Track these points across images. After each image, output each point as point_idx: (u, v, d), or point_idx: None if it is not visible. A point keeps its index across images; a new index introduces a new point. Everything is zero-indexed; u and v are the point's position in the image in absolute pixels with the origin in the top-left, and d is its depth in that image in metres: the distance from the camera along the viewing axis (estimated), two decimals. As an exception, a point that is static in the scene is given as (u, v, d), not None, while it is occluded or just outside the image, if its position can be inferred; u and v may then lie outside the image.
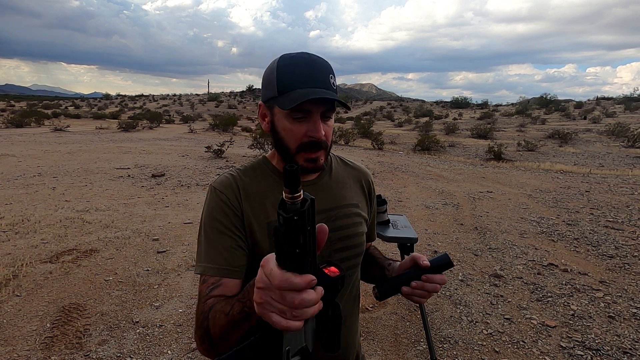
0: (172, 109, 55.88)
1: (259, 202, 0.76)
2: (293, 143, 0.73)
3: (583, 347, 2.34)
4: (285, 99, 0.69)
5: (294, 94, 0.69)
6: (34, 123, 22.12)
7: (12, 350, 2.15)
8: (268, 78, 0.74)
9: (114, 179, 7.14)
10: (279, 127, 0.74)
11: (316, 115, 0.71)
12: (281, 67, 0.72)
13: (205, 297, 0.69)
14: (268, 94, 0.74)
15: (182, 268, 3.31)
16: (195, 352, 2.22)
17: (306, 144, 0.72)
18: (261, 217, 0.75)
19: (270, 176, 0.80)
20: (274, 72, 0.72)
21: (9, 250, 3.55)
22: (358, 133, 19.66)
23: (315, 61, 0.72)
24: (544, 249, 3.99)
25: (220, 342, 0.61)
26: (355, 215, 0.82)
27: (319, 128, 0.71)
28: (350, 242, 0.80)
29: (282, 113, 0.72)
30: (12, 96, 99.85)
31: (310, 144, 0.72)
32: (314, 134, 0.71)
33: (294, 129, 0.72)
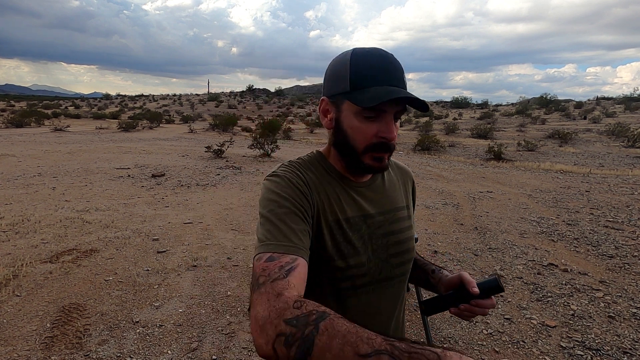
0: (172, 109, 55.90)
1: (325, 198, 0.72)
2: (361, 143, 0.69)
3: (583, 347, 2.34)
4: (363, 96, 0.65)
5: (372, 91, 0.65)
6: (34, 123, 22.13)
7: (12, 350, 2.15)
8: (338, 72, 0.70)
9: (114, 179, 7.14)
10: (345, 125, 0.70)
11: (390, 115, 0.67)
12: (356, 62, 0.67)
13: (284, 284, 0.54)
14: (336, 88, 0.70)
15: (182, 268, 3.31)
16: (195, 352, 2.22)
17: (375, 144, 0.69)
18: (327, 214, 0.71)
19: (328, 174, 0.75)
20: (347, 66, 0.68)
21: (9, 250, 3.55)
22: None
23: (391, 58, 0.69)
24: (544, 249, 3.99)
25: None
26: (406, 219, 0.81)
27: (392, 129, 0.67)
28: (403, 247, 0.78)
29: (351, 110, 0.68)
30: (12, 96, 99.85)
31: (379, 145, 0.69)
32: (386, 134, 0.67)
33: (365, 128, 0.68)
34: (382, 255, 0.74)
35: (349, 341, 0.43)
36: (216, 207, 5.41)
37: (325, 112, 0.74)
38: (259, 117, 36.12)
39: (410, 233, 0.81)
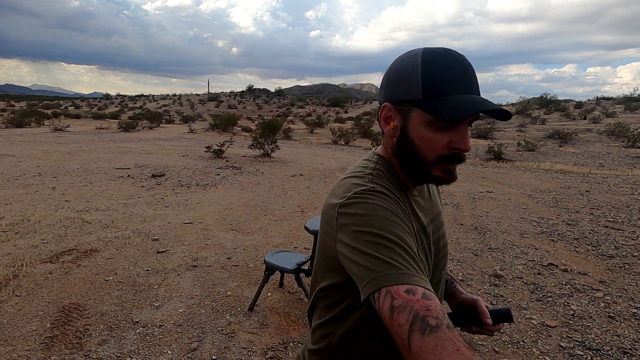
0: (172, 109, 55.91)
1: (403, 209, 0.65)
2: (432, 154, 0.63)
3: (583, 347, 2.34)
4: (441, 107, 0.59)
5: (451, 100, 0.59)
6: (34, 123, 22.13)
7: (12, 350, 2.15)
8: (405, 76, 0.63)
9: (114, 179, 7.14)
10: (413, 135, 0.64)
11: (465, 125, 0.62)
12: (428, 65, 0.61)
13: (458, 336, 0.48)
14: (403, 94, 0.63)
15: (182, 268, 3.31)
16: (195, 352, 2.22)
17: (447, 156, 0.63)
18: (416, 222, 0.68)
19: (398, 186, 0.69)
20: (417, 70, 0.61)
21: (9, 250, 3.55)
22: (358, 133, 19.66)
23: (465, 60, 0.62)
24: (544, 249, 3.99)
25: None
26: (444, 223, 0.82)
27: (467, 140, 0.62)
28: (446, 250, 0.79)
29: (422, 120, 0.62)
30: (12, 96, 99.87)
31: (452, 157, 0.63)
32: (461, 146, 0.62)
33: (437, 139, 0.62)
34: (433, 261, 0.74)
35: None
36: (216, 207, 5.41)
37: (387, 119, 0.68)
38: (259, 117, 36.12)
39: (446, 237, 0.81)
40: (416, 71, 0.61)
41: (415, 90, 0.62)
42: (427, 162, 0.64)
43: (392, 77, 0.66)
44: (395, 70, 0.66)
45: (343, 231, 0.60)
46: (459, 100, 0.59)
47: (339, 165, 9.59)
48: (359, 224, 0.58)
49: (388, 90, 0.67)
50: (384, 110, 0.68)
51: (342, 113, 50.91)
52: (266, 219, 4.89)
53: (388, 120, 0.68)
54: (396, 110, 0.66)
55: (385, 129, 0.69)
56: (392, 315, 0.50)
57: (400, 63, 0.65)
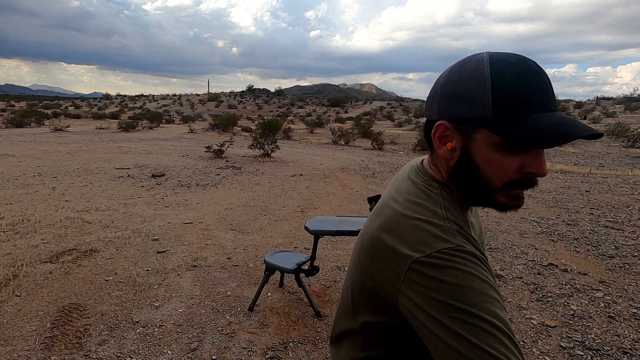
0: (172, 109, 55.93)
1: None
2: (500, 179, 0.55)
3: (583, 347, 2.34)
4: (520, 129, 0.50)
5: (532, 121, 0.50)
6: (34, 123, 22.13)
7: (12, 350, 2.15)
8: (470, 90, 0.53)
9: (114, 179, 7.14)
10: (478, 158, 0.56)
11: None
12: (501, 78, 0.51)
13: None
14: (465, 112, 0.54)
15: (182, 268, 3.31)
16: (195, 352, 2.22)
17: (518, 181, 0.55)
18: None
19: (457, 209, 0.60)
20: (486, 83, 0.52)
21: (9, 250, 3.55)
22: (358, 133, 19.66)
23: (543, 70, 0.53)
24: (544, 249, 3.99)
25: None
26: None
27: (544, 163, 0.54)
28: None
29: (490, 141, 0.53)
30: (12, 96, 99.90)
31: (523, 182, 0.55)
32: (537, 170, 0.53)
33: (507, 162, 0.54)
34: None
35: None
36: (216, 207, 5.41)
37: (443, 139, 0.59)
38: (259, 117, 36.11)
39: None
40: (484, 85, 0.52)
41: (482, 107, 0.52)
42: (493, 188, 0.56)
43: (451, 90, 0.56)
44: (454, 83, 0.56)
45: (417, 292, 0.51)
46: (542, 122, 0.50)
47: (338, 165, 9.59)
48: (448, 295, 0.48)
49: (445, 106, 0.57)
50: (438, 129, 0.58)
51: (342, 113, 50.94)
52: (266, 219, 4.89)
53: (444, 140, 0.59)
54: (455, 129, 0.57)
55: (440, 150, 0.59)
56: None
57: (461, 74, 0.55)
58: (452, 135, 0.58)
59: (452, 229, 0.55)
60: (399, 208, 0.60)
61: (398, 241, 0.56)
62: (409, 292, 0.53)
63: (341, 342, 0.73)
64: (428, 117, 0.62)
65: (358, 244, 0.67)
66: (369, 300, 0.63)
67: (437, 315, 0.49)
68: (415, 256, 0.52)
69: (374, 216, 0.65)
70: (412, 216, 0.57)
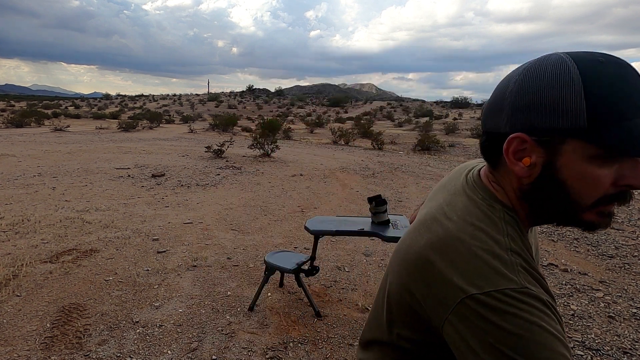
0: (172, 109, 55.95)
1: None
2: (592, 195, 0.49)
3: (583, 347, 2.34)
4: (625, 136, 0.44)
5: (635, 126, 0.44)
6: (34, 123, 22.13)
7: (12, 350, 2.15)
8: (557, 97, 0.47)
9: (114, 179, 7.14)
10: (568, 174, 0.48)
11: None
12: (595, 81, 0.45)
13: None
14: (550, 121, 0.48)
15: (182, 268, 3.31)
16: (195, 352, 2.22)
17: (612, 196, 0.48)
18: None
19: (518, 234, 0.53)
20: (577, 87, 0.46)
21: (9, 250, 3.55)
22: (358, 133, 19.67)
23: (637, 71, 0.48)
24: (544, 249, 3.99)
25: None
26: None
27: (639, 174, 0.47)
28: None
29: (581, 153, 0.47)
30: (12, 96, 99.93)
31: (617, 196, 0.49)
32: (636, 182, 0.47)
33: (602, 176, 0.47)
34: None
35: None
36: (216, 207, 5.41)
37: (518, 154, 0.51)
38: (259, 117, 36.10)
39: None
40: (574, 90, 0.45)
41: (576, 116, 0.46)
42: (582, 206, 0.50)
43: (530, 98, 0.49)
44: (534, 90, 0.49)
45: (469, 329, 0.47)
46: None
47: (338, 165, 9.59)
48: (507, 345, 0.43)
49: (521, 116, 0.50)
50: (513, 142, 0.50)
51: (342, 113, 50.95)
52: (266, 219, 4.89)
53: (519, 154, 0.51)
54: (536, 142, 0.49)
55: (516, 167, 0.52)
56: None
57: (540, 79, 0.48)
58: (531, 149, 0.50)
59: (516, 263, 0.48)
60: (454, 228, 0.53)
61: (451, 269, 0.50)
62: (458, 325, 0.48)
63: (371, 348, 0.71)
64: (493, 130, 0.54)
65: (401, 256, 0.60)
66: (408, 315, 0.59)
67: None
68: (470, 291, 0.47)
69: (419, 229, 0.58)
70: (470, 242, 0.51)
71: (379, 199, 2.45)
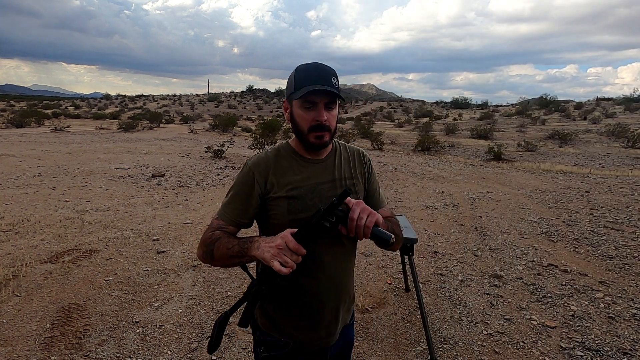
0: (172, 109, 55.92)
1: (282, 175, 1.00)
2: (305, 126, 0.97)
3: (583, 347, 2.34)
4: (298, 93, 0.94)
5: (304, 89, 0.92)
6: (34, 123, 22.14)
7: (12, 350, 2.15)
8: (289, 80, 0.99)
9: (113, 179, 7.14)
10: (295, 115, 0.98)
11: (320, 105, 0.95)
12: (297, 72, 0.97)
13: (214, 229, 0.99)
14: (289, 92, 0.98)
15: (182, 268, 3.31)
16: (195, 352, 2.22)
17: (314, 126, 0.96)
18: (282, 185, 0.99)
19: (290, 155, 1.04)
20: (293, 75, 0.98)
21: (9, 250, 3.55)
22: (358, 133, 19.67)
23: (321, 66, 0.97)
24: (544, 250, 3.99)
25: (217, 262, 0.95)
26: (352, 185, 1.07)
27: (322, 114, 0.94)
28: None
29: (297, 104, 0.97)
30: (12, 96, 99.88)
31: (317, 127, 0.96)
32: (319, 118, 0.95)
33: (305, 115, 0.96)
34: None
35: (224, 243, 0.92)
36: (216, 207, 5.40)
37: (285, 109, 1.03)
38: (259, 118, 36.07)
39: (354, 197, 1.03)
40: (293, 76, 0.98)
41: (292, 87, 0.97)
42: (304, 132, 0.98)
43: (287, 83, 1.03)
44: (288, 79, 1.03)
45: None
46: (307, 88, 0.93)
47: (339, 165, 9.57)
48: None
49: (285, 92, 1.04)
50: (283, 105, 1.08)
51: (342, 113, 50.98)
52: (266, 220, 4.89)
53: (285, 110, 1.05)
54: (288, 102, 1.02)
55: (285, 116, 1.05)
56: None
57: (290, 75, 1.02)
58: (287, 106, 1.02)
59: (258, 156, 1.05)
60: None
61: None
62: None
63: None
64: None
65: None
66: None
67: None
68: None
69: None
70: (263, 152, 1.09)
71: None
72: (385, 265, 3.54)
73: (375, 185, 1.13)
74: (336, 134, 1.05)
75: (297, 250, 0.79)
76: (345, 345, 1.16)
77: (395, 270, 3.43)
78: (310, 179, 1.01)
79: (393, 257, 3.69)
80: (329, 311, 1.04)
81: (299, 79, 0.94)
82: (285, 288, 0.93)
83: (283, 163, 1.02)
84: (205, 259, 0.96)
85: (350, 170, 1.09)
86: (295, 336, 1.04)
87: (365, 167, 1.12)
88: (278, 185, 0.98)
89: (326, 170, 1.04)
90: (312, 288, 1.01)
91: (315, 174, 1.03)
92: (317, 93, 0.92)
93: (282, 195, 0.98)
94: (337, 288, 1.05)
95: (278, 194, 0.98)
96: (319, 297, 1.02)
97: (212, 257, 0.94)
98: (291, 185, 0.99)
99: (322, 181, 1.02)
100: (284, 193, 0.98)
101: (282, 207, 0.97)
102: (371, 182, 1.13)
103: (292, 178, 1.00)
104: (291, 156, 1.03)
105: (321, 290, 1.02)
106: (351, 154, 1.12)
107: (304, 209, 0.97)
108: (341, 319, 1.09)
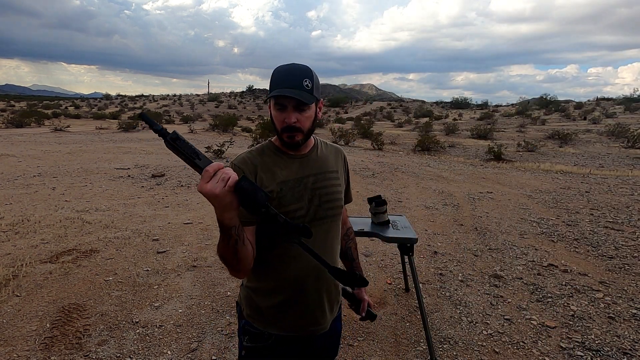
0: (172, 109, 55.90)
1: (269, 170, 1.05)
2: (278, 126, 1.03)
3: (583, 347, 2.34)
4: (271, 94, 0.99)
5: (275, 92, 0.97)
6: (34, 123, 22.14)
7: (12, 351, 2.15)
8: (269, 82, 1.04)
9: (113, 179, 7.14)
10: (271, 115, 1.04)
11: (289, 107, 0.99)
12: (273, 73, 1.02)
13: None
14: (270, 92, 1.02)
15: (182, 268, 3.31)
16: (195, 352, 2.22)
17: (285, 127, 1.01)
18: (271, 180, 1.04)
19: (274, 153, 1.09)
20: (271, 77, 1.03)
21: (9, 250, 3.55)
22: (358, 133, 19.66)
23: (293, 68, 1.00)
24: (544, 250, 3.99)
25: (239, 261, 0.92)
26: (334, 179, 1.14)
27: (290, 117, 0.99)
28: (332, 197, 1.11)
29: (272, 105, 1.02)
30: (12, 96, 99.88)
31: (287, 128, 1.01)
32: (287, 120, 1.00)
33: (277, 116, 1.02)
34: (315, 202, 1.07)
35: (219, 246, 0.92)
36: (216, 207, 5.41)
37: (269, 108, 1.07)
38: (259, 118, 36.08)
39: (338, 189, 1.14)
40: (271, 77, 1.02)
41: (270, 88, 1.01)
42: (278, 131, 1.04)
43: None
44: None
45: None
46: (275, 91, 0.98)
47: (339, 165, 9.58)
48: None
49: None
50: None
51: (342, 113, 50.95)
52: (266, 220, 4.89)
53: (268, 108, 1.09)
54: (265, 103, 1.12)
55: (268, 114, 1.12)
56: None
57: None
58: (268, 107, 1.07)
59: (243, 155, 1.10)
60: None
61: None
62: None
63: None
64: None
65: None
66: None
67: None
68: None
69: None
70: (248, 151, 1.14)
71: (379, 199, 2.45)
72: (385, 265, 3.55)
73: (349, 180, 1.27)
74: (313, 132, 1.09)
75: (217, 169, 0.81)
76: (333, 336, 1.21)
77: (395, 270, 3.43)
78: (297, 173, 1.07)
79: (393, 257, 3.70)
80: (312, 293, 1.08)
81: (273, 81, 1.00)
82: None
83: (268, 160, 1.07)
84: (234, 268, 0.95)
85: (333, 164, 1.17)
86: (282, 325, 1.08)
87: (344, 163, 1.24)
88: (267, 180, 1.04)
89: (310, 164, 1.11)
90: (292, 271, 1.06)
91: (301, 167, 1.09)
92: (286, 97, 0.97)
93: (273, 188, 1.03)
94: (317, 270, 1.05)
95: (270, 188, 1.02)
96: (301, 280, 1.07)
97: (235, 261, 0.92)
98: (279, 179, 1.05)
99: (307, 174, 1.09)
100: (275, 187, 1.03)
101: (274, 200, 1.02)
102: (348, 177, 1.26)
103: (279, 173, 1.05)
104: (275, 153, 1.09)
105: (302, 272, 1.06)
106: (331, 150, 1.21)
107: (291, 201, 1.04)
108: (327, 304, 1.12)
